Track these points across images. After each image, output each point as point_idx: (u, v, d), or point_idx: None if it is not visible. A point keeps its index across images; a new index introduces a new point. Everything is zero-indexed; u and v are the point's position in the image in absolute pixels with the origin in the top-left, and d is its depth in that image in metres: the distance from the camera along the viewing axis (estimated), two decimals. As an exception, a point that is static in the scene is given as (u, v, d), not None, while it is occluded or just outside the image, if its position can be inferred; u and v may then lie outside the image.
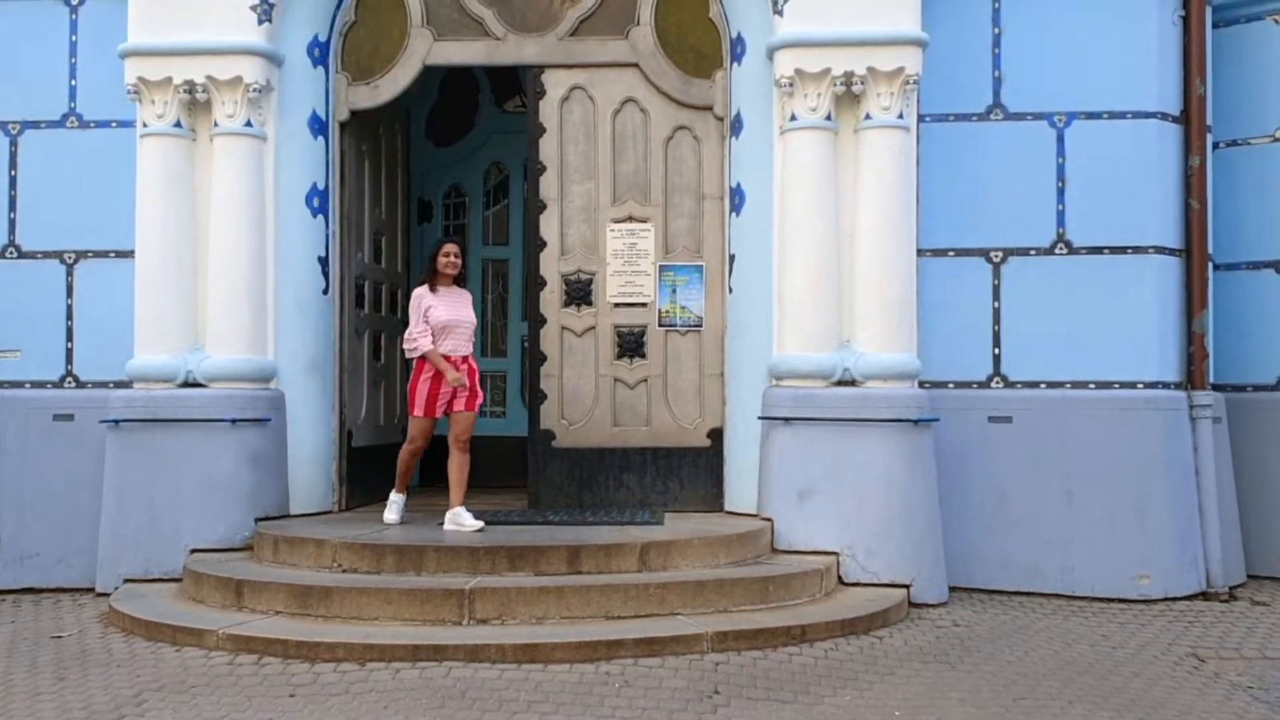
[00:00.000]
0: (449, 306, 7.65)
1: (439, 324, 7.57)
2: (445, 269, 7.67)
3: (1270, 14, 8.81)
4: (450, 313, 7.63)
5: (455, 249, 7.77)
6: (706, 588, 6.73)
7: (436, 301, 7.62)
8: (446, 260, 7.68)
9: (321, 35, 8.35)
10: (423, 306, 7.58)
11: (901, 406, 7.64)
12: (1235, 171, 8.84)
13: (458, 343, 7.66)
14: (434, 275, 7.69)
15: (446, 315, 7.60)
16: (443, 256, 7.69)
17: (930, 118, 8.16)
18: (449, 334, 7.61)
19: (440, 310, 7.60)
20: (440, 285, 7.69)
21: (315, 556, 7.15)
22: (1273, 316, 8.75)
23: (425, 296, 7.62)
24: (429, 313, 7.56)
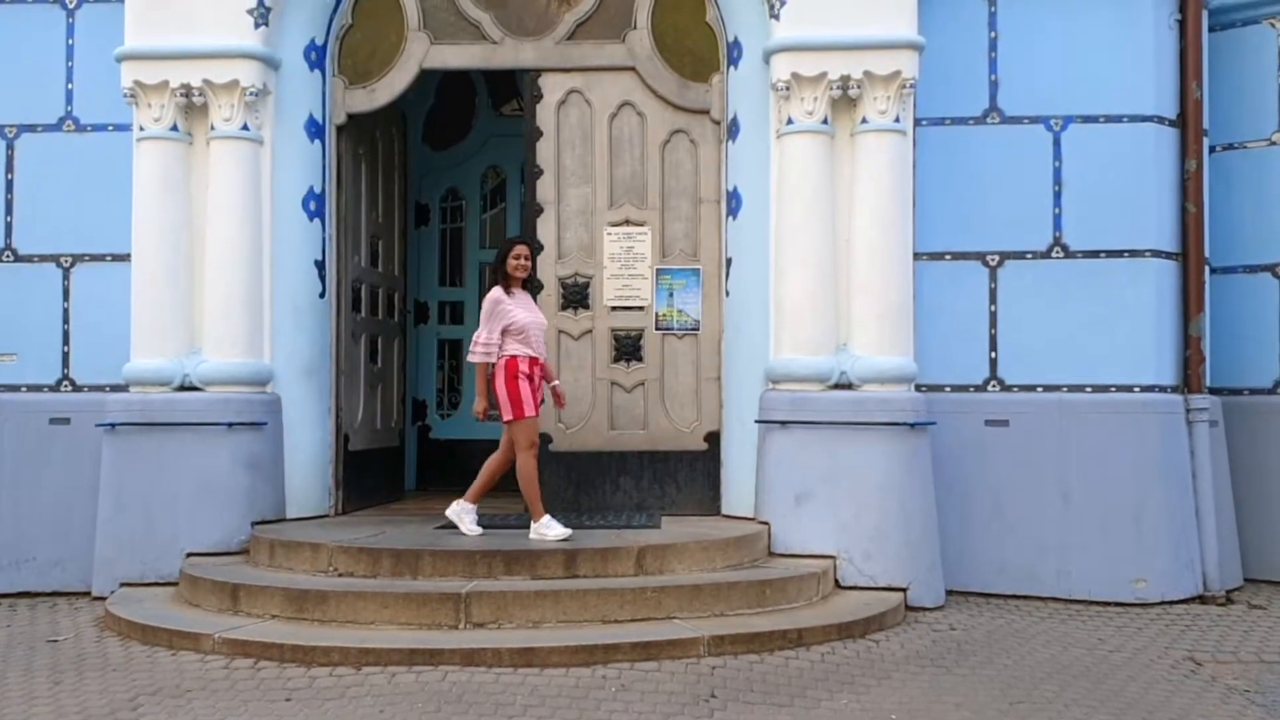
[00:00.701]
0: (525, 309, 7.38)
1: (519, 326, 7.26)
2: (516, 272, 7.37)
3: (1267, 17, 8.82)
4: (527, 315, 7.35)
5: (525, 250, 7.44)
6: (703, 591, 6.72)
7: (513, 305, 7.31)
8: (517, 263, 7.36)
9: (318, 39, 8.35)
10: (501, 311, 7.27)
11: (898, 410, 7.64)
12: (1232, 175, 8.85)
13: (535, 345, 7.36)
14: (506, 279, 7.37)
15: (525, 317, 7.31)
16: (513, 259, 7.36)
17: (927, 121, 8.16)
18: (527, 336, 7.31)
19: (518, 313, 7.30)
20: (513, 288, 7.39)
21: (311, 561, 7.14)
22: (1269, 320, 8.75)
23: (503, 300, 7.30)
24: (510, 317, 7.27)
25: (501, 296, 7.29)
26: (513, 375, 7.25)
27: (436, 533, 7.65)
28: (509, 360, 7.27)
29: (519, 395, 7.23)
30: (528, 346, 7.29)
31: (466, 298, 11.14)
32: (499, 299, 7.29)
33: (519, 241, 7.51)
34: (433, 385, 11.14)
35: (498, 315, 7.26)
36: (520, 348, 7.27)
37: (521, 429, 7.26)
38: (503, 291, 7.32)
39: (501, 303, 7.28)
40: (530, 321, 7.32)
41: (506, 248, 7.42)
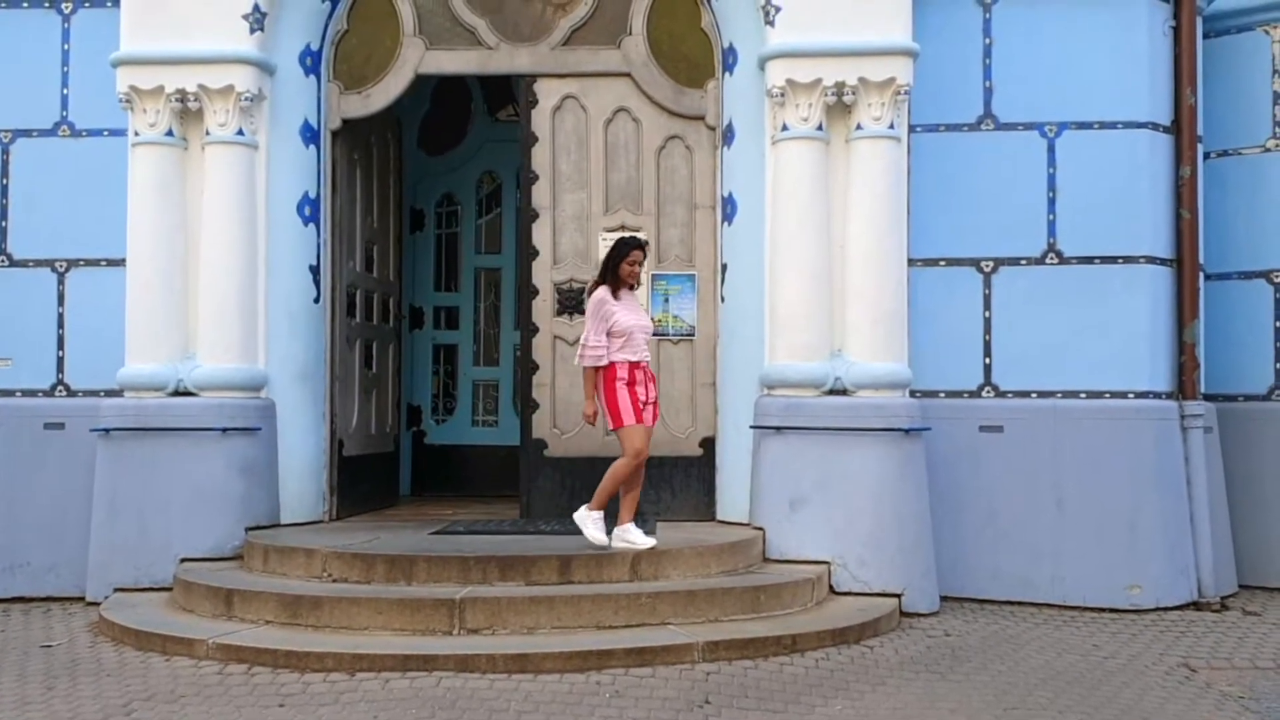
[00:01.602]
0: (630, 311, 7.07)
1: (624, 330, 6.96)
2: (629, 277, 7.09)
3: (1261, 24, 8.84)
4: (632, 318, 7.04)
5: (641, 255, 7.11)
6: (698, 597, 6.72)
7: (619, 307, 7.01)
8: (632, 269, 7.07)
9: (313, 44, 8.35)
10: (605, 312, 6.98)
11: (892, 416, 7.64)
12: (1226, 181, 8.87)
13: (639, 349, 7.07)
14: (616, 280, 7.06)
15: (630, 321, 7.01)
16: (628, 264, 7.05)
17: (921, 128, 8.17)
18: (631, 340, 7.00)
19: (624, 316, 7.00)
20: (621, 289, 7.09)
21: (305, 566, 7.13)
22: (1264, 326, 8.77)
23: (608, 301, 7.00)
24: (615, 319, 6.97)
25: (607, 297, 7.01)
26: (612, 382, 7.00)
27: (431, 538, 7.65)
28: (609, 366, 7.02)
29: (618, 403, 6.98)
30: (630, 351, 7.01)
31: (461, 303, 11.15)
32: (604, 299, 7.00)
33: (637, 245, 7.13)
34: (428, 391, 11.13)
35: (602, 317, 6.98)
36: (622, 353, 7.00)
37: (623, 436, 7.03)
38: (609, 292, 7.03)
39: (606, 303, 6.99)
40: (634, 325, 7.03)
41: (623, 250, 7.08)
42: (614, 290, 7.04)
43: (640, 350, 7.07)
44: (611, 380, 6.99)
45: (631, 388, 6.99)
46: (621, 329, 6.95)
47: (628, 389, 6.98)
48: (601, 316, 6.97)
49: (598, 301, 7.00)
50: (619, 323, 6.95)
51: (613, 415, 7.01)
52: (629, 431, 6.98)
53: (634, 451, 6.97)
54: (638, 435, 7.00)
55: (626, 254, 7.05)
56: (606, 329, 6.95)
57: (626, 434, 6.99)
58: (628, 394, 6.98)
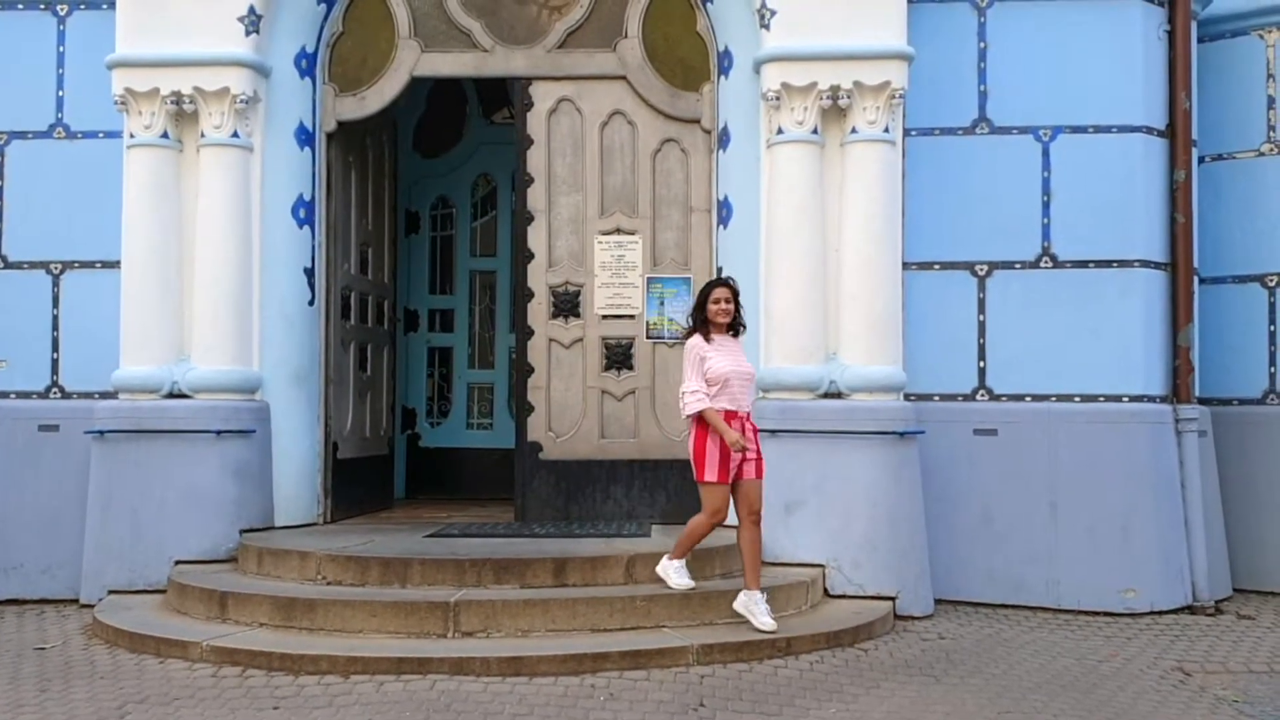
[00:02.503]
0: (727, 357, 6.63)
1: (718, 377, 6.53)
2: (716, 317, 6.66)
3: (1255, 29, 8.86)
4: (730, 364, 6.61)
5: (726, 294, 6.72)
6: (692, 600, 6.72)
7: (713, 352, 6.62)
8: (717, 308, 6.66)
9: (309, 47, 8.36)
10: (698, 358, 6.61)
11: (887, 419, 7.65)
12: (1221, 185, 8.89)
13: (738, 398, 6.62)
14: (705, 324, 6.70)
15: (726, 367, 6.58)
16: (712, 304, 6.67)
17: (916, 131, 8.18)
18: (727, 388, 6.56)
19: (719, 361, 6.58)
20: (714, 334, 6.69)
21: (300, 569, 7.13)
22: (1258, 330, 8.78)
23: (700, 347, 6.63)
24: (707, 365, 6.58)
25: (699, 344, 6.64)
26: (702, 430, 6.59)
27: (425, 541, 7.65)
28: (698, 418, 6.61)
29: (704, 455, 6.55)
30: (727, 399, 6.57)
31: (456, 305, 11.16)
32: (696, 345, 6.65)
33: (719, 284, 6.81)
34: (422, 393, 11.13)
35: (696, 362, 6.61)
36: (717, 401, 6.57)
37: (704, 493, 6.62)
38: (702, 338, 6.66)
39: (698, 349, 6.63)
40: (732, 371, 6.59)
41: (705, 291, 6.78)
42: (706, 335, 6.68)
43: (739, 398, 6.63)
44: (702, 428, 6.59)
45: (723, 442, 6.53)
46: (717, 375, 6.56)
47: (720, 444, 6.53)
48: (695, 362, 6.62)
49: (690, 348, 6.68)
50: (713, 368, 6.57)
51: (697, 466, 6.62)
52: (710, 490, 6.59)
53: (712, 511, 6.59)
54: (718, 495, 6.59)
55: (709, 294, 6.73)
56: (704, 375, 6.58)
57: (707, 492, 6.60)
58: (719, 450, 6.53)
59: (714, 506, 6.58)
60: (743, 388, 6.65)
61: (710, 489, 6.58)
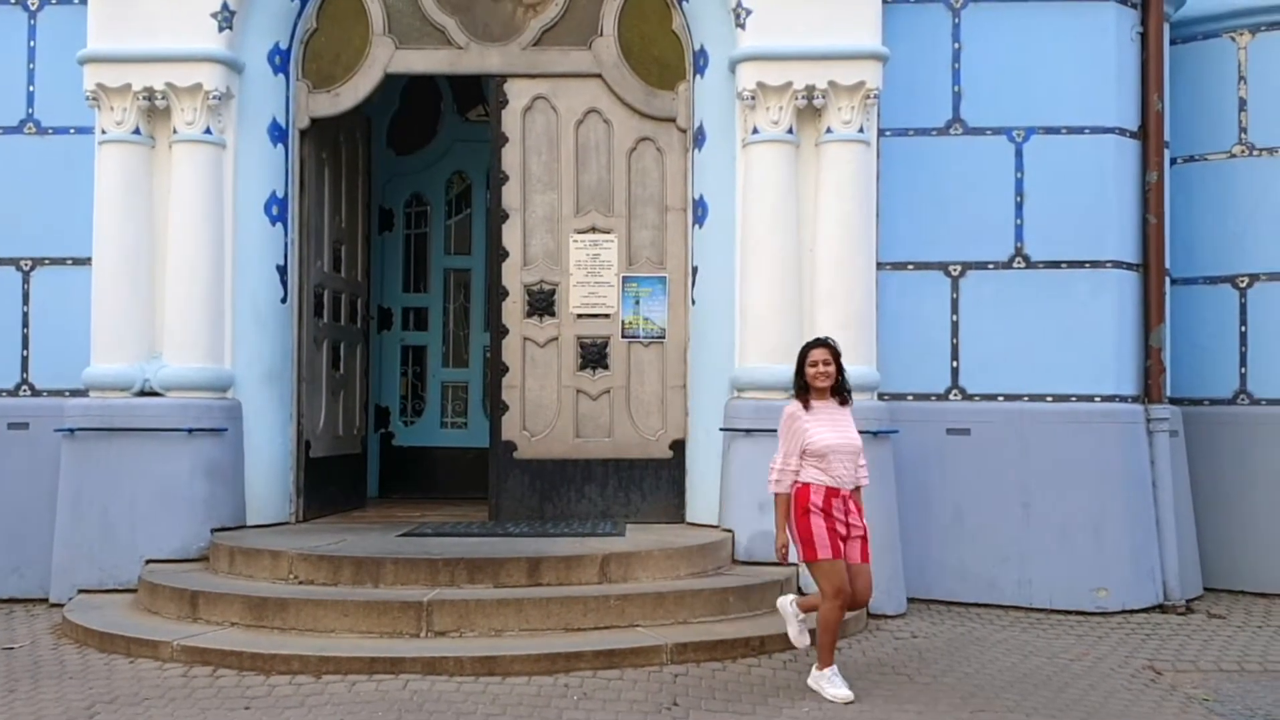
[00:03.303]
0: (829, 426, 5.96)
1: (818, 449, 5.89)
2: (816, 380, 5.99)
3: (1227, 31, 8.93)
4: (831, 434, 5.93)
5: (824, 354, 6.02)
6: (666, 599, 6.72)
7: (812, 422, 5.95)
8: (815, 371, 5.99)
9: (282, 43, 8.30)
10: (795, 430, 5.95)
11: (861, 419, 7.61)
12: (1193, 187, 8.95)
13: (839, 473, 5.91)
14: (804, 390, 6.05)
15: (828, 438, 5.91)
16: (810, 367, 6.01)
17: (891, 132, 8.20)
18: (827, 461, 5.89)
19: (819, 432, 5.91)
20: (814, 400, 6.03)
21: (271, 568, 7.09)
22: (1229, 331, 8.85)
23: (799, 416, 5.97)
24: (807, 437, 5.91)
25: (797, 412, 5.98)
26: (802, 509, 5.88)
27: (398, 540, 7.62)
28: (799, 490, 5.92)
29: (809, 532, 5.82)
30: (826, 473, 5.89)
31: (430, 304, 11.11)
32: (793, 415, 5.99)
33: (816, 344, 6.11)
34: (396, 392, 11.07)
35: (792, 434, 5.96)
36: (816, 474, 5.90)
37: (817, 573, 5.87)
38: (800, 406, 6.00)
39: (797, 419, 5.97)
40: (834, 443, 5.91)
41: (803, 352, 6.12)
42: (806, 402, 6.01)
43: (840, 474, 5.91)
44: (802, 506, 5.88)
45: (828, 517, 5.85)
46: (817, 448, 5.89)
47: (822, 517, 5.85)
48: (791, 435, 5.96)
49: (787, 417, 6.02)
50: (813, 441, 5.90)
51: (804, 545, 5.87)
52: (824, 569, 5.82)
53: (832, 591, 5.79)
54: (835, 573, 5.81)
55: (806, 355, 6.08)
56: (800, 448, 5.93)
57: (821, 571, 5.83)
58: (822, 523, 5.84)
59: (834, 586, 5.80)
60: (846, 462, 5.93)
61: (823, 568, 5.82)
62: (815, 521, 5.84)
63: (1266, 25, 8.81)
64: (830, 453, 5.88)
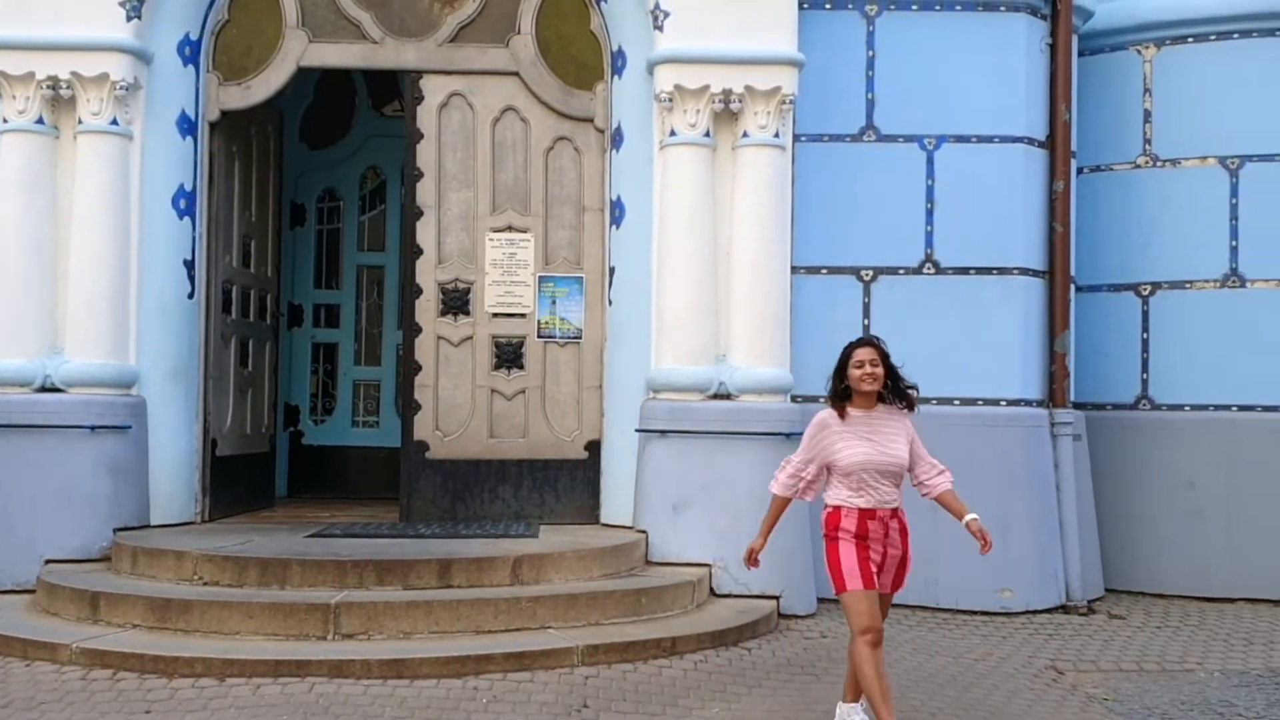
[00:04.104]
0: (864, 440, 5.06)
1: (845, 467, 5.03)
2: (861, 384, 5.07)
3: (1134, 44, 9.14)
4: (864, 449, 5.04)
5: (871, 354, 5.11)
6: (579, 601, 6.71)
7: (844, 435, 5.07)
8: (861, 373, 5.07)
9: (193, 34, 8.14)
10: (819, 441, 5.13)
11: (775, 420, 7.72)
12: (1098, 196, 9.15)
13: (878, 492, 5.06)
14: (842, 396, 5.13)
15: (858, 454, 5.03)
16: (855, 368, 5.09)
17: (806, 137, 8.28)
18: (861, 481, 5.04)
19: (850, 447, 5.04)
20: (855, 407, 5.12)
21: (175, 569, 6.95)
22: (1132, 337, 9.06)
23: (828, 426, 5.12)
24: (834, 453, 5.07)
25: (828, 421, 5.13)
26: (832, 534, 5.10)
27: (306, 541, 7.51)
28: (828, 514, 5.13)
29: (837, 561, 5.05)
30: (858, 492, 5.06)
31: (342, 301, 10.93)
32: (822, 423, 5.14)
33: (862, 343, 5.20)
34: (306, 390, 10.89)
35: (814, 445, 5.15)
36: (847, 494, 5.08)
37: (846, 606, 5.09)
38: (835, 414, 5.13)
39: (825, 430, 5.12)
40: (866, 459, 5.03)
41: (846, 352, 5.19)
42: (842, 410, 5.13)
43: (877, 494, 5.07)
44: (832, 531, 5.10)
45: (861, 543, 5.05)
46: (844, 465, 5.06)
47: (854, 544, 5.05)
48: (813, 444, 5.16)
49: (814, 425, 5.18)
50: (841, 458, 5.06)
51: (832, 575, 5.10)
52: (852, 600, 5.02)
53: (860, 628, 4.98)
54: (862, 607, 5.00)
55: (850, 355, 5.16)
56: (821, 461, 5.14)
57: (849, 604, 5.05)
58: (854, 550, 5.04)
59: (862, 623, 4.98)
60: (885, 481, 5.08)
61: (851, 602, 5.03)
62: (845, 549, 5.05)
63: (1171, 39, 9.02)
64: (860, 471, 5.03)
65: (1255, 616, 8.16)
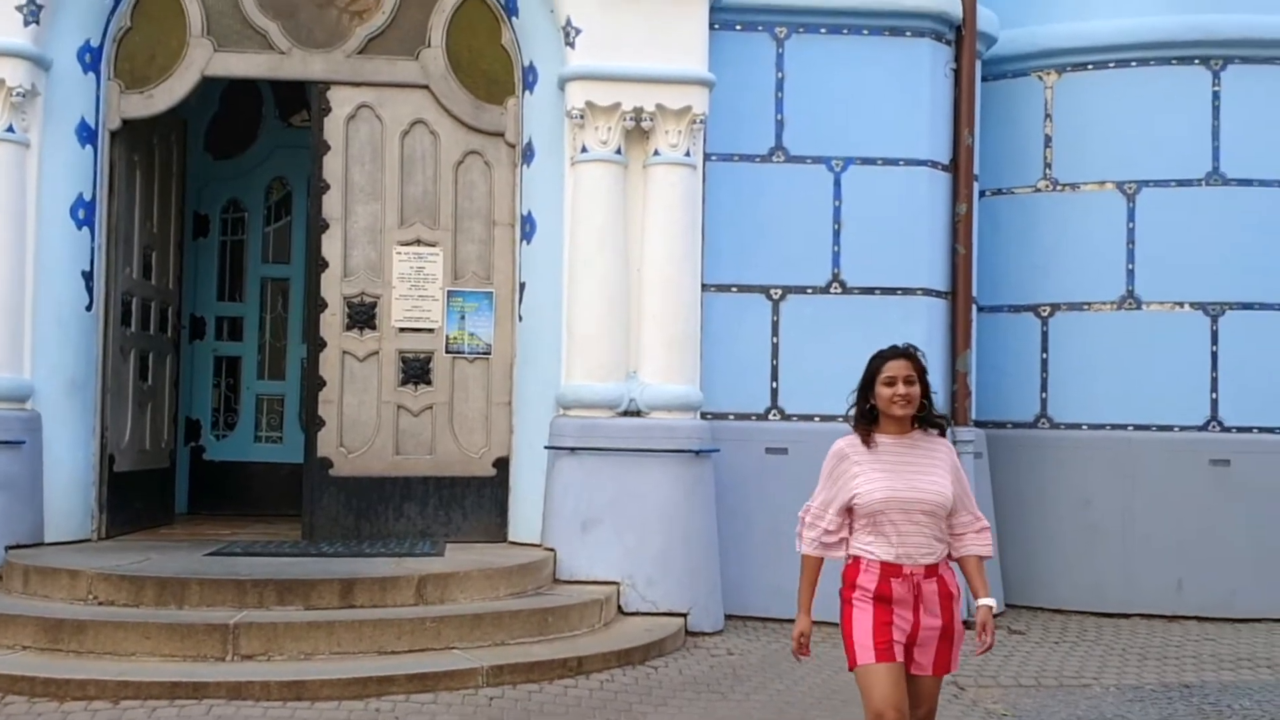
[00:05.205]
0: (893, 471, 4.05)
1: (868, 506, 4.03)
2: (892, 406, 4.06)
3: (1035, 70, 9.35)
4: (892, 484, 4.03)
5: (905, 369, 4.08)
6: (484, 620, 6.66)
7: (868, 465, 4.07)
8: (893, 393, 4.05)
9: (94, 40, 7.95)
10: (839, 474, 4.12)
11: (684, 437, 7.75)
12: (1000, 219, 9.34)
13: (910, 540, 4.03)
14: (868, 419, 4.15)
15: (884, 489, 4.02)
16: (884, 385, 4.07)
17: (717, 157, 8.32)
18: (886, 525, 4.02)
19: (873, 481, 4.03)
20: (884, 433, 4.12)
21: (69, 588, 6.76)
22: (1032, 357, 9.25)
23: (847, 456, 4.11)
24: (855, 487, 4.06)
25: (848, 450, 4.13)
26: (847, 594, 4.10)
27: (205, 560, 7.36)
28: (846, 567, 4.15)
29: (849, 631, 4.07)
30: (879, 540, 4.04)
31: (246, 313, 10.70)
32: (840, 455, 4.14)
33: (894, 354, 4.13)
34: (208, 404, 10.66)
35: (833, 480, 4.15)
36: (868, 542, 4.07)
37: (859, 682, 4.08)
38: (860, 438, 4.13)
39: (845, 460, 4.11)
40: (891, 495, 4.01)
41: (875, 365, 4.15)
42: (867, 435, 4.12)
43: (906, 543, 4.02)
44: (846, 591, 4.11)
45: (882, 606, 4.02)
46: (866, 504, 4.04)
47: (872, 607, 4.03)
48: (832, 480, 4.16)
49: (832, 457, 4.17)
50: (862, 494, 4.05)
51: (846, 647, 4.13)
52: (862, 678, 4.04)
53: (873, 714, 3.99)
54: (875, 686, 3.99)
55: (879, 368, 4.12)
56: (842, 502, 4.10)
57: (859, 683, 4.08)
58: (870, 615, 4.03)
59: (872, 706, 3.98)
60: (918, 525, 4.03)
61: (866, 676, 4.02)
62: (860, 615, 4.04)
63: (1072, 66, 9.24)
64: (887, 510, 4.01)
65: (1150, 632, 8.36)
